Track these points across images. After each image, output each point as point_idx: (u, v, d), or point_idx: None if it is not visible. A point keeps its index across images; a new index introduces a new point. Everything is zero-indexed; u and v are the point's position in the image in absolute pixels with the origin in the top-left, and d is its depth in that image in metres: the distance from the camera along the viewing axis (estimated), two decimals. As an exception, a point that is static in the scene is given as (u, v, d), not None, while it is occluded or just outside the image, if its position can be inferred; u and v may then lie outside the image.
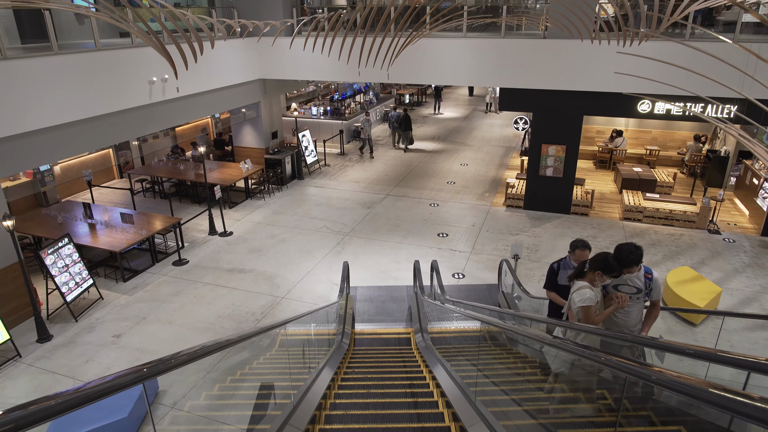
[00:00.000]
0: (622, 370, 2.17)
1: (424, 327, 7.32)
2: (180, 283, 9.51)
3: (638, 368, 2.06)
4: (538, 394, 4.07)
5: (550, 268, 5.45)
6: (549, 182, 12.29)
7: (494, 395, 4.30)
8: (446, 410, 4.74)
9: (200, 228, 11.87)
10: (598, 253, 4.31)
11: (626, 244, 4.30)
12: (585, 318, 4.14)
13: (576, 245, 5.19)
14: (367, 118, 17.56)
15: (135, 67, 9.80)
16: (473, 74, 11.90)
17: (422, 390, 5.51)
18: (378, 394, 5.42)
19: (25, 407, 1.56)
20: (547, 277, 5.50)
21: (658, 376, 1.90)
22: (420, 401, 5.23)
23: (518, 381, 4.62)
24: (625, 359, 2.18)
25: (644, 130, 16.78)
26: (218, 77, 12.17)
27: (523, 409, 3.93)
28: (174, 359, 2.47)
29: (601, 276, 4.17)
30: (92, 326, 8.23)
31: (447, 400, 4.98)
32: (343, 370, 6.07)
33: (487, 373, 4.42)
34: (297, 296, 9.07)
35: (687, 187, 14.15)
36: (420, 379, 5.99)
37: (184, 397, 6.66)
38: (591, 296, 4.14)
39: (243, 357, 7.15)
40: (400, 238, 11.26)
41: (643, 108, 11.05)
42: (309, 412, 4.37)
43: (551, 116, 11.75)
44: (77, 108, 8.78)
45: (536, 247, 10.78)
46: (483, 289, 9.11)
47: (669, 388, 1.84)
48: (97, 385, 1.85)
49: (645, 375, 2.02)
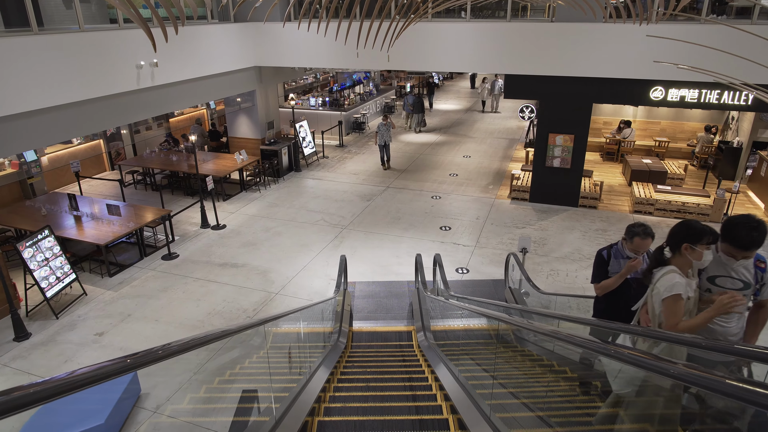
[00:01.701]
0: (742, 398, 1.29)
1: (426, 325, 6.83)
2: (168, 278, 9.02)
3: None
4: (573, 411, 3.42)
5: (598, 255, 4.29)
6: (556, 173, 11.79)
7: (515, 410, 3.77)
8: (451, 416, 4.27)
9: (192, 221, 11.38)
10: (674, 227, 3.18)
11: (741, 217, 2.97)
12: (670, 315, 2.91)
13: (635, 232, 4.09)
14: (385, 122, 14.69)
15: (121, 50, 9.28)
16: (477, 60, 11.38)
17: (424, 393, 5.04)
18: (377, 397, 4.95)
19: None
20: (594, 268, 4.31)
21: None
22: (422, 405, 4.77)
23: (546, 394, 3.90)
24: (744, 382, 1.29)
25: (653, 121, 16.26)
26: (211, 63, 11.65)
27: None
28: (163, 350, 2.00)
29: (693, 250, 2.95)
30: (74, 324, 7.75)
31: (451, 405, 4.51)
32: (339, 370, 5.59)
33: (504, 381, 3.91)
34: (292, 292, 8.58)
35: (698, 180, 13.64)
36: (422, 380, 5.52)
37: (168, 400, 6.19)
38: (681, 283, 2.96)
39: (232, 356, 6.68)
40: (400, 232, 10.77)
41: (656, 95, 10.53)
42: (300, 418, 3.89)
43: (559, 104, 11.23)
44: (60, 92, 8.27)
45: (543, 240, 10.28)
46: (488, 284, 8.62)
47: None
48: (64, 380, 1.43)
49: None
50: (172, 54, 10.45)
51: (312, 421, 3.96)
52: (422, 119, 19.25)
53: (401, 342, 7.05)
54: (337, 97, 19.00)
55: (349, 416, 4.23)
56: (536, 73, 10.98)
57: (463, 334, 5.22)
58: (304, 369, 4.57)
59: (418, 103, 18.76)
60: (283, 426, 3.40)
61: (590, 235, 10.52)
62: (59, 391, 1.40)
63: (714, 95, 10.20)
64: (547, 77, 10.97)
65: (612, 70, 10.38)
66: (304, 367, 4.73)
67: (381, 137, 14.48)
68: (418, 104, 18.75)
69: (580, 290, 8.53)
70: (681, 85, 10.29)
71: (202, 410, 5.59)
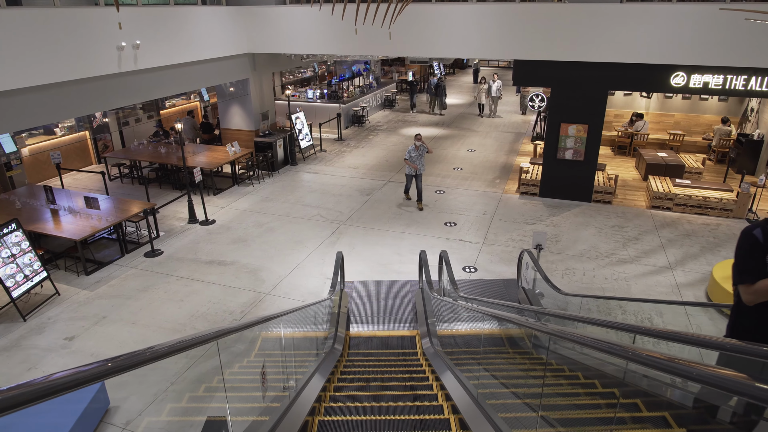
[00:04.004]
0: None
1: (432, 329, 6.11)
2: (150, 276, 8.30)
3: None
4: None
5: (748, 236, 2.66)
6: (568, 166, 11.05)
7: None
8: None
9: (179, 215, 10.65)
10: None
11: None
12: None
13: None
14: (418, 145, 10.64)
15: (100, 30, 8.56)
16: (483, 45, 10.64)
17: (429, 403, 4.32)
18: (376, 409, 4.23)
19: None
20: (742, 258, 2.67)
21: None
22: (428, 419, 4.05)
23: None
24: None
25: (666, 113, 15.52)
26: (200, 48, 10.92)
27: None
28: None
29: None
30: (42, 327, 7.02)
31: (461, 417, 3.81)
32: (333, 385, 4.86)
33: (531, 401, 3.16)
34: (284, 292, 7.85)
35: (715, 174, 12.90)
36: (427, 388, 4.79)
37: (140, 414, 5.46)
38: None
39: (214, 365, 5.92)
40: (402, 228, 10.03)
41: (677, 81, 9.78)
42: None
43: (572, 92, 10.50)
44: (29, 73, 7.54)
45: (556, 237, 9.55)
46: (499, 284, 7.89)
47: None
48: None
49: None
50: (156, 36, 9.72)
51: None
52: (444, 102, 20.85)
53: (404, 348, 6.33)
54: (336, 89, 18.26)
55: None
56: (547, 59, 10.25)
57: (476, 340, 4.51)
58: (290, 384, 3.84)
59: (441, 87, 20.44)
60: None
61: (606, 231, 9.79)
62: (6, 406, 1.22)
63: (740, 81, 9.46)
64: (560, 63, 10.24)
65: (630, 54, 9.65)
66: (291, 381, 4.00)
67: (415, 163, 10.63)
68: (441, 88, 20.43)
69: (599, 291, 7.81)
70: (705, 71, 9.56)
71: (179, 426, 4.86)
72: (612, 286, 7.94)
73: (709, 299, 7.59)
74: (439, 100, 20.59)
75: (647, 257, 8.79)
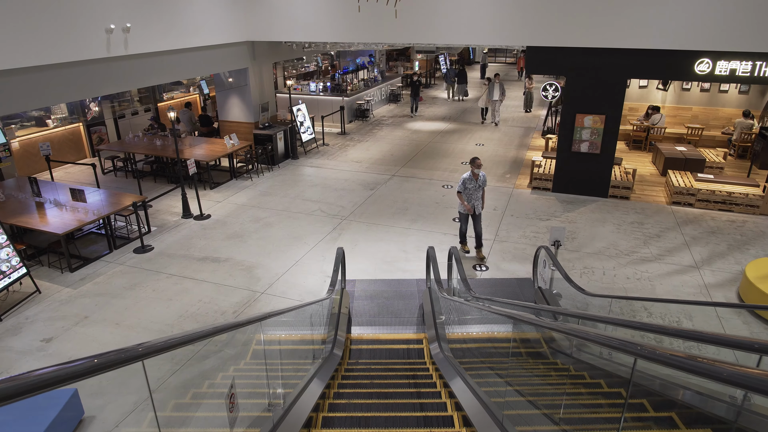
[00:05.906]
0: None
1: (441, 333, 5.54)
2: (138, 274, 7.76)
3: None
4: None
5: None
6: (583, 159, 10.45)
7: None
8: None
9: (173, 210, 10.11)
10: None
11: None
12: None
13: None
14: (476, 172, 7.78)
15: (86, 9, 8.03)
16: (494, 31, 10.05)
17: (439, 413, 3.76)
18: (379, 420, 3.68)
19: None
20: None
21: None
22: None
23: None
24: None
25: (683, 107, 14.88)
26: (196, 34, 10.38)
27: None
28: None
29: None
30: (19, 327, 6.49)
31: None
32: (328, 401, 4.30)
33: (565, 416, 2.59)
34: (280, 291, 7.30)
35: (737, 169, 12.26)
36: (435, 397, 4.23)
37: (117, 426, 4.93)
38: None
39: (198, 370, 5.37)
40: (408, 223, 9.47)
41: (702, 68, 9.16)
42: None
43: (588, 80, 9.90)
44: (7, 55, 7.02)
45: (572, 234, 8.96)
46: (512, 283, 7.31)
47: None
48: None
49: None
50: (149, 19, 9.18)
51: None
52: (465, 90, 21.22)
53: (410, 355, 5.77)
54: (339, 82, 17.70)
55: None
56: (562, 45, 9.65)
57: (495, 350, 3.95)
58: (276, 401, 3.27)
59: (462, 74, 21.01)
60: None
61: (625, 228, 9.19)
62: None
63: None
64: (575, 49, 9.65)
65: (651, 39, 9.05)
66: (279, 394, 3.44)
67: (467, 200, 7.88)
68: (462, 75, 20.98)
69: (621, 291, 7.22)
70: (732, 57, 8.94)
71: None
72: (635, 286, 7.34)
73: (741, 300, 6.98)
74: (459, 87, 21.02)
75: (671, 255, 8.19)
